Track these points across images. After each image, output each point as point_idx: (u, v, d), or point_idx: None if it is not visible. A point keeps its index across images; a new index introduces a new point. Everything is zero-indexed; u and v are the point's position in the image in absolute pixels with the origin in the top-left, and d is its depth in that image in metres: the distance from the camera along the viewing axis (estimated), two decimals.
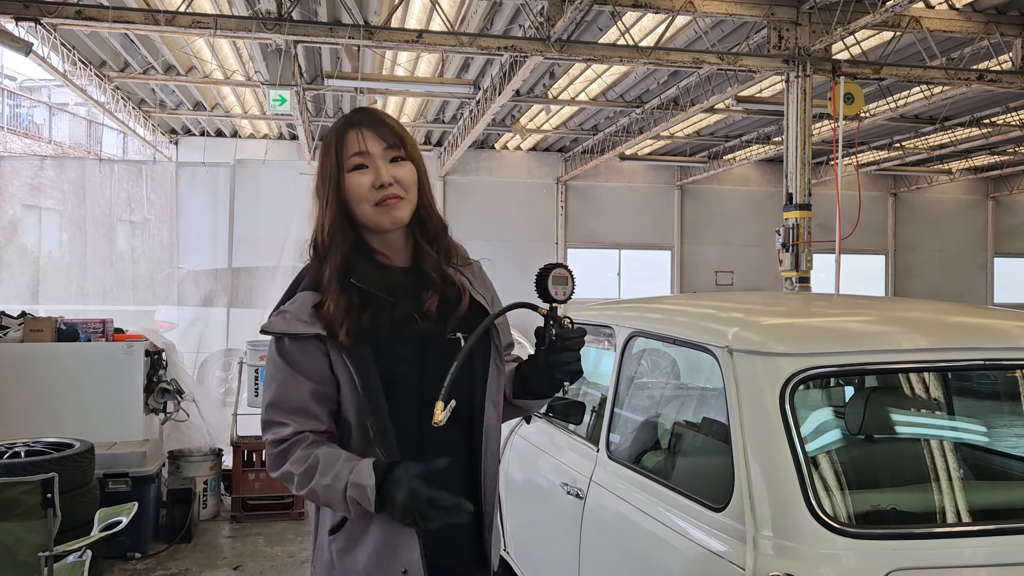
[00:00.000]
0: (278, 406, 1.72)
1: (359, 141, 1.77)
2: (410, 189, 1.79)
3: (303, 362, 1.72)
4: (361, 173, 1.76)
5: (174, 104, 14.94)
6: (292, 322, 1.72)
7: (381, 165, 1.76)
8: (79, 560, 3.54)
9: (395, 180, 1.76)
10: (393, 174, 1.77)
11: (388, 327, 1.74)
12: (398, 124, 1.84)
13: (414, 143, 1.84)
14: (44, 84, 25.21)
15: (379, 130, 1.79)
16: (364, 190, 1.75)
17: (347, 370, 1.69)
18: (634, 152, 17.94)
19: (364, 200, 1.76)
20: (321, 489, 1.65)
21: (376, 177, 1.76)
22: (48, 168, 11.62)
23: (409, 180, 1.79)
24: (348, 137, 1.78)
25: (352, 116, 1.83)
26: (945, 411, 2.98)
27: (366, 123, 1.79)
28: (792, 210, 9.30)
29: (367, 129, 1.78)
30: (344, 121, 1.82)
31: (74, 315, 7.36)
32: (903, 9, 8.30)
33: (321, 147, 1.84)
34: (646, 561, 2.52)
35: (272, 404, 1.73)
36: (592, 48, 9.53)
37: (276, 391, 1.73)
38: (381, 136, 1.78)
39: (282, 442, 1.71)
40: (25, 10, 8.09)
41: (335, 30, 8.92)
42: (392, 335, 1.74)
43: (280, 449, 1.71)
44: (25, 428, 5.38)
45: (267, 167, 10.90)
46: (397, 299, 1.76)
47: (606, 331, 3.37)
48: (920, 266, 21.19)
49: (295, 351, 1.72)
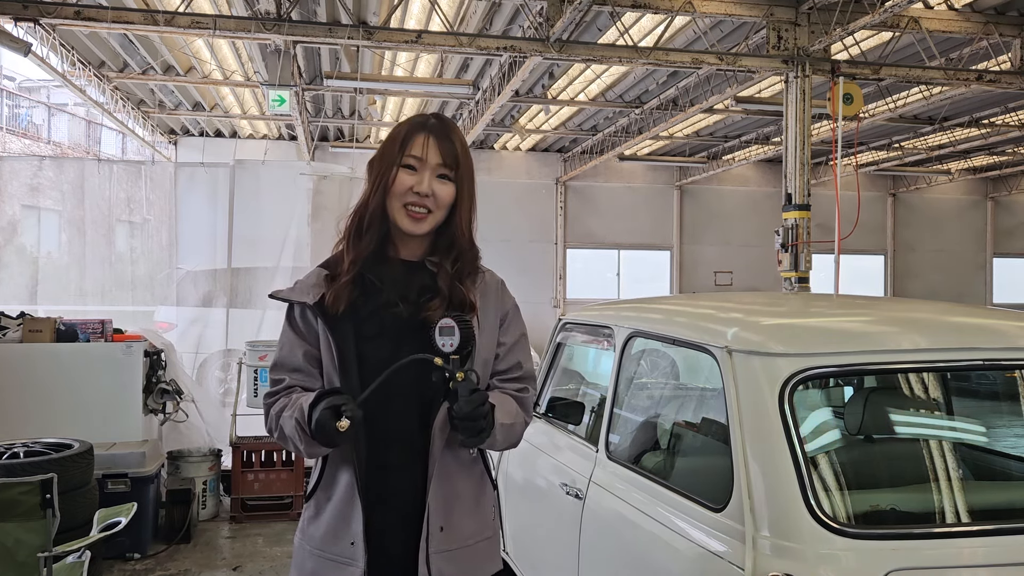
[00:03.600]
0: (280, 365, 1.96)
1: (421, 146, 1.90)
2: (442, 208, 1.92)
3: (302, 327, 1.94)
4: (408, 173, 1.90)
5: (173, 104, 14.93)
6: (295, 291, 1.95)
7: (427, 176, 1.89)
8: (78, 561, 3.53)
9: (432, 193, 1.89)
10: (434, 188, 1.90)
11: (372, 310, 1.90)
12: (463, 145, 1.95)
13: (469, 168, 1.95)
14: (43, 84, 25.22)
15: (443, 144, 1.91)
16: (403, 188, 1.89)
17: (327, 339, 1.88)
18: (633, 152, 17.94)
19: (398, 198, 1.90)
20: (284, 421, 1.85)
21: (418, 183, 1.89)
22: (47, 168, 11.61)
23: (445, 200, 1.92)
24: (416, 138, 1.91)
25: (428, 120, 1.95)
26: (944, 411, 2.98)
27: (436, 132, 1.92)
28: (791, 210, 9.30)
29: (434, 138, 1.91)
30: (420, 122, 1.95)
31: (73, 315, 7.36)
32: (902, 9, 8.30)
33: (391, 136, 1.96)
34: (645, 561, 2.52)
35: (277, 364, 1.97)
36: (591, 48, 9.53)
37: (280, 352, 1.97)
38: (441, 150, 1.91)
39: (275, 394, 1.93)
40: (24, 10, 8.09)
41: (334, 30, 8.92)
42: (373, 318, 1.90)
43: (271, 400, 1.92)
44: (24, 428, 5.38)
45: (266, 167, 10.88)
46: (386, 286, 1.91)
47: (605, 331, 3.37)
48: (919, 266, 21.20)
49: (298, 317, 1.95)
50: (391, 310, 1.89)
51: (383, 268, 1.93)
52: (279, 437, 1.89)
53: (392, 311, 1.89)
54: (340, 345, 1.87)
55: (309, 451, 1.85)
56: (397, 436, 1.89)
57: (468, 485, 1.95)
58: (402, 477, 1.88)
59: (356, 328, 1.88)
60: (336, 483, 1.90)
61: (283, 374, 1.93)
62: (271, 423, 1.91)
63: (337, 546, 1.87)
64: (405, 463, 1.89)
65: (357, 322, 1.89)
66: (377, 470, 1.88)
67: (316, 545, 1.90)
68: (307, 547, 1.92)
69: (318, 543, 1.89)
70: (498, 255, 17.77)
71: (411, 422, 1.89)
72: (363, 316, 1.89)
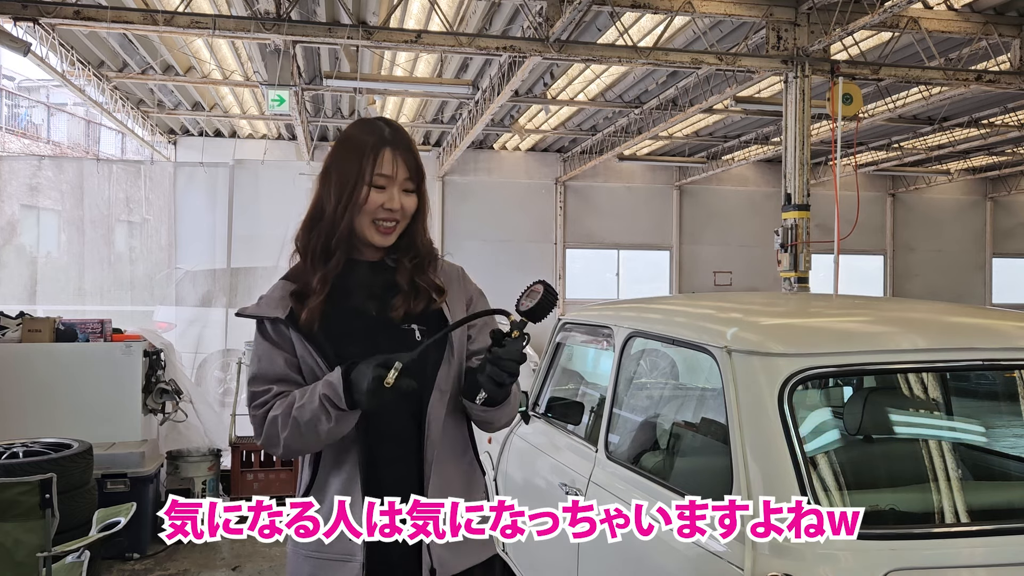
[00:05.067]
0: (261, 377, 1.90)
1: (389, 164, 1.90)
2: (407, 217, 1.95)
3: (278, 339, 1.91)
4: (378, 192, 1.90)
5: (172, 104, 14.91)
6: (263, 307, 1.93)
7: (397, 192, 1.91)
8: (77, 560, 3.53)
9: (401, 207, 1.92)
10: (402, 202, 1.92)
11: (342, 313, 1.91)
12: (418, 152, 1.97)
13: (424, 175, 1.98)
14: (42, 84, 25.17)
15: (406, 157, 1.92)
16: (374, 207, 1.90)
17: (304, 346, 1.88)
18: (633, 152, 17.93)
19: (368, 214, 1.90)
20: (298, 411, 1.80)
21: (389, 200, 1.90)
22: (46, 168, 11.62)
23: (411, 210, 1.95)
24: (384, 155, 1.90)
25: (386, 133, 1.93)
26: (943, 411, 2.98)
27: (397, 146, 1.92)
28: (791, 210, 9.30)
29: (399, 153, 1.91)
30: (379, 137, 1.92)
31: (72, 315, 7.37)
32: (901, 10, 8.30)
33: (349, 148, 1.93)
34: (644, 561, 2.52)
35: (256, 377, 1.91)
36: (591, 48, 9.53)
37: (258, 365, 1.92)
38: (407, 164, 1.92)
39: (264, 404, 1.88)
40: (23, 10, 8.08)
41: (334, 30, 8.92)
42: (345, 321, 1.91)
43: (264, 409, 1.87)
44: (23, 428, 5.38)
45: (266, 167, 10.90)
46: (353, 289, 1.93)
47: (605, 331, 3.37)
48: (918, 266, 21.20)
49: (271, 330, 1.92)
50: (361, 311, 1.92)
51: (350, 274, 1.94)
52: (289, 435, 1.83)
53: (361, 310, 1.92)
54: (321, 349, 1.87)
55: (335, 430, 1.80)
56: (388, 430, 1.89)
57: (458, 472, 1.98)
58: (394, 471, 1.89)
59: (329, 333, 1.89)
60: (330, 483, 1.89)
61: (266, 384, 1.89)
62: (276, 426, 1.84)
63: (333, 543, 1.85)
64: (398, 456, 1.90)
65: (329, 326, 1.89)
66: (368, 467, 1.89)
67: (313, 547, 1.87)
68: (302, 552, 1.90)
69: (314, 545, 1.87)
70: (497, 255, 17.94)
71: (403, 416, 1.89)
72: (334, 320, 1.90)
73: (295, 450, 1.88)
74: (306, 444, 1.86)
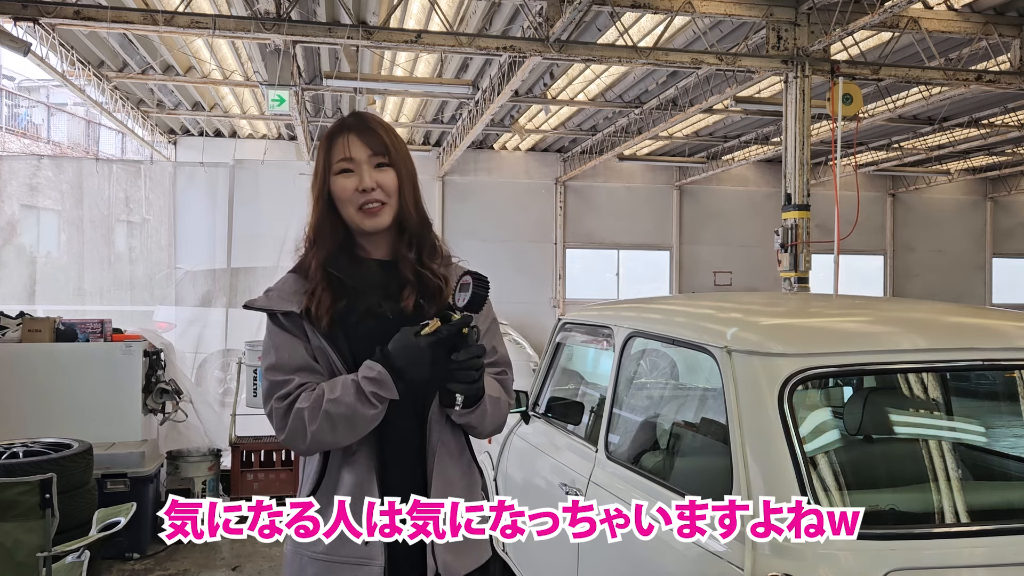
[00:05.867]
0: (281, 367, 1.85)
1: (345, 147, 1.90)
2: (392, 195, 1.92)
3: (293, 330, 1.88)
4: (346, 177, 1.90)
5: (172, 104, 14.92)
6: (274, 300, 1.90)
7: (366, 171, 1.89)
8: (77, 560, 3.53)
9: (378, 185, 1.89)
10: (376, 179, 1.90)
11: (357, 312, 1.88)
12: (388, 131, 1.95)
13: (402, 150, 1.95)
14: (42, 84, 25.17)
15: (366, 137, 1.91)
16: (348, 193, 1.89)
17: (321, 344, 1.85)
18: (633, 152, 17.93)
19: (349, 203, 1.90)
20: (331, 404, 1.76)
21: (360, 181, 1.89)
22: (46, 168, 11.61)
23: (392, 186, 1.92)
24: (337, 142, 1.91)
25: (345, 120, 1.95)
26: (943, 411, 2.98)
27: (355, 129, 1.92)
28: (791, 210, 9.30)
29: (355, 135, 1.91)
30: (337, 125, 1.95)
31: (72, 315, 7.37)
32: (901, 10, 8.30)
33: (319, 146, 1.96)
34: (644, 562, 2.52)
35: (274, 367, 1.85)
36: (591, 48, 9.53)
37: (277, 355, 1.86)
38: (367, 143, 1.90)
39: (287, 395, 1.81)
40: (23, 10, 8.08)
41: (334, 30, 8.92)
42: (359, 319, 1.88)
43: (288, 401, 1.81)
44: (23, 428, 5.38)
45: (266, 167, 10.88)
46: (367, 289, 1.91)
47: (605, 331, 3.37)
48: (918, 266, 21.20)
49: (287, 323, 1.88)
50: (376, 311, 1.90)
51: (360, 272, 1.93)
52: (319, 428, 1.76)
53: (377, 312, 1.90)
54: (337, 346, 1.85)
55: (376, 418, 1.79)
56: (392, 433, 1.89)
57: (458, 474, 1.97)
58: (399, 473, 1.89)
59: (347, 334, 1.87)
60: (341, 484, 1.86)
61: (288, 374, 1.83)
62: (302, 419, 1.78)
63: (347, 547, 1.82)
64: (401, 458, 1.90)
65: (347, 328, 1.88)
66: (381, 468, 1.89)
67: (321, 549, 1.84)
68: (306, 554, 1.86)
69: (324, 547, 1.83)
70: (498, 255, 17.93)
71: (407, 418, 1.89)
72: (351, 322, 1.88)
73: (322, 444, 1.82)
74: (337, 438, 1.80)
